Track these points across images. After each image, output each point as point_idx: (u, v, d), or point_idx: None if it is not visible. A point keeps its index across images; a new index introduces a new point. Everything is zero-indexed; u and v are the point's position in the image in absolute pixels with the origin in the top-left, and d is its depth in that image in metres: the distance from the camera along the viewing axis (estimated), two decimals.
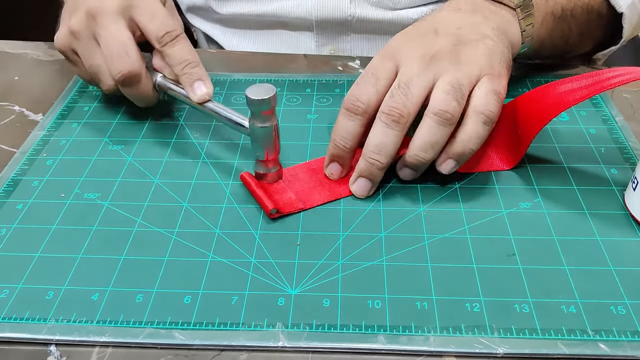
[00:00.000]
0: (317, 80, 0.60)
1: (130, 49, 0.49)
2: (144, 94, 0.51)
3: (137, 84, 0.50)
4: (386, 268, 0.40)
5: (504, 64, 0.47)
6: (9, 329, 0.37)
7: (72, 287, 0.39)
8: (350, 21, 0.67)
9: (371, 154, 0.43)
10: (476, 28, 0.48)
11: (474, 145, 0.43)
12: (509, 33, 0.50)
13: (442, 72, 0.44)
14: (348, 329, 0.36)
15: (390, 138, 0.43)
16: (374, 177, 0.44)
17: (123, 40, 0.49)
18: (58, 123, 0.54)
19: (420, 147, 0.43)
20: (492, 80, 0.44)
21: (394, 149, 0.43)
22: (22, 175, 0.48)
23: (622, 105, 0.55)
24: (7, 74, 0.62)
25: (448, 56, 0.45)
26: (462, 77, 0.44)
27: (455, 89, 0.43)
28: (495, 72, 0.45)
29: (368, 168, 0.44)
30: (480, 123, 0.43)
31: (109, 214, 0.45)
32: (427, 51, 0.45)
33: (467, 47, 0.46)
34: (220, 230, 0.43)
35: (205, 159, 0.50)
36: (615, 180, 0.47)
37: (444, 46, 0.46)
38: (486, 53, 0.46)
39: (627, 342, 0.35)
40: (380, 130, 0.43)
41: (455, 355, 0.35)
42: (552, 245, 0.41)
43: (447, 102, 0.42)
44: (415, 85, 0.43)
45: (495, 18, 0.50)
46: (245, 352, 0.36)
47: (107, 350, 0.36)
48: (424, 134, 0.43)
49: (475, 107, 0.43)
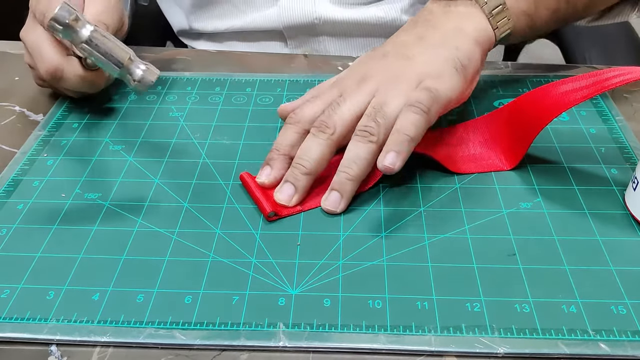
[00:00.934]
0: (317, 80, 0.60)
1: (43, 50, 0.51)
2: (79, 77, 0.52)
3: (64, 74, 0.51)
4: (387, 268, 0.40)
5: (449, 64, 0.47)
6: (9, 329, 0.37)
7: (72, 287, 0.39)
8: (317, 24, 0.68)
9: (297, 159, 0.45)
10: (422, 41, 0.49)
11: (411, 132, 0.43)
12: (463, 30, 0.49)
13: (376, 91, 0.46)
14: (349, 328, 0.36)
15: (315, 145, 0.45)
16: (297, 182, 0.45)
17: (38, 44, 0.51)
18: (59, 123, 0.54)
19: (344, 163, 0.44)
20: (426, 81, 0.46)
21: (318, 155, 0.45)
22: (22, 176, 0.48)
23: (623, 105, 0.56)
24: (8, 74, 0.62)
25: (382, 75, 0.47)
26: (389, 96, 0.45)
27: (375, 109, 0.45)
28: (433, 76, 0.46)
29: (292, 172, 0.45)
30: (411, 112, 0.43)
31: (110, 214, 0.45)
32: (367, 71, 0.48)
33: (401, 63, 0.48)
34: (220, 230, 0.43)
35: (205, 159, 0.50)
36: (615, 180, 0.47)
37: (382, 66, 0.48)
38: (426, 62, 0.47)
39: (628, 342, 0.35)
40: (308, 139, 0.46)
41: (455, 355, 0.35)
42: (552, 245, 0.41)
43: (367, 122, 0.44)
44: (346, 102, 0.46)
45: (449, 19, 0.50)
46: (246, 352, 0.36)
47: (107, 350, 0.36)
48: (347, 152, 0.45)
49: (407, 101, 0.44)
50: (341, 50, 0.71)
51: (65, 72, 0.51)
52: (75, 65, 0.51)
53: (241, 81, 0.60)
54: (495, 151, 0.49)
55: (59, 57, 0.51)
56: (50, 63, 0.50)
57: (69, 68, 0.51)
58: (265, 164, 0.47)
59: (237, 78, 0.61)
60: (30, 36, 0.52)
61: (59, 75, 0.51)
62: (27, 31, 0.52)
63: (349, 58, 0.64)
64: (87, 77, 0.52)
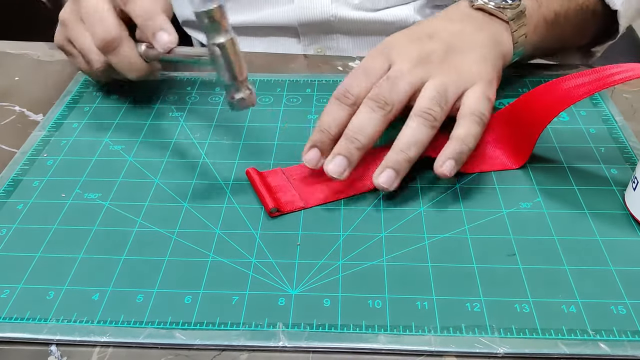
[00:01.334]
0: (317, 80, 0.60)
1: (106, 15, 0.49)
2: (129, 60, 0.50)
3: (118, 48, 0.50)
4: (386, 268, 0.40)
5: (495, 73, 0.49)
6: (9, 329, 0.37)
7: (72, 287, 0.39)
8: (333, 22, 0.68)
9: (352, 133, 0.44)
10: (469, 36, 0.49)
11: (471, 143, 0.44)
12: (501, 44, 0.50)
13: (431, 75, 0.46)
14: (348, 328, 0.36)
15: (372, 121, 0.44)
16: (351, 156, 0.44)
17: (99, 9, 0.49)
18: (58, 123, 0.54)
19: (404, 144, 0.44)
20: (482, 86, 0.46)
21: (374, 132, 0.44)
22: (22, 176, 0.48)
23: (622, 105, 0.55)
24: (8, 74, 0.62)
25: (438, 61, 0.46)
26: (449, 84, 0.45)
27: (440, 94, 0.44)
28: (486, 79, 0.47)
29: (347, 145, 0.44)
30: (474, 123, 0.45)
31: (110, 214, 0.45)
32: (420, 53, 0.47)
33: (459, 55, 0.47)
34: (220, 230, 0.43)
35: (205, 159, 0.50)
36: (615, 180, 0.47)
37: (436, 50, 0.47)
38: (477, 61, 0.48)
39: (628, 342, 0.35)
40: (364, 114, 0.44)
41: (455, 355, 0.35)
42: (552, 245, 0.41)
43: (431, 105, 0.44)
44: (403, 80, 0.45)
45: (490, 28, 0.50)
46: (246, 352, 0.36)
47: (107, 350, 0.36)
48: (407, 133, 0.44)
49: (469, 107, 0.45)
50: (354, 48, 0.71)
51: (122, 46, 0.50)
52: (131, 46, 0.50)
53: None
54: (502, 150, 0.49)
55: (120, 29, 0.50)
56: (110, 31, 0.49)
57: (126, 43, 0.50)
58: (312, 145, 0.46)
59: None
60: (91, 3, 0.50)
61: (114, 45, 0.49)
62: (83, 3, 0.50)
63: (349, 58, 0.64)
64: (136, 63, 0.51)
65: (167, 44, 0.48)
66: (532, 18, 0.53)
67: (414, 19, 0.69)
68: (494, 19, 0.51)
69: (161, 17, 0.48)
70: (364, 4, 0.67)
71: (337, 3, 0.67)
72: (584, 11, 0.57)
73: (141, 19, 0.48)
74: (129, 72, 0.52)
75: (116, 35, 0.49)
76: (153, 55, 0.51)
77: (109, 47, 0.50)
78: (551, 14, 0.55)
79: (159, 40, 0.48)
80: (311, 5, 0.67)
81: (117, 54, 0.50)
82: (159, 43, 0.48)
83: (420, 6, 0.69)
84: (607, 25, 0.61)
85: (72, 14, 0.51)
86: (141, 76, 0.52)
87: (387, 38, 0.50)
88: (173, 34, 0.48)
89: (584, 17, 0.58)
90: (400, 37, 0.50)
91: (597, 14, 0.59)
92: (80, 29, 0.51)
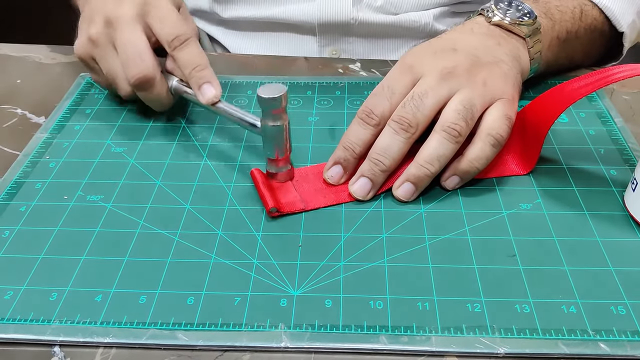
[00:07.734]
0: (318, 82, 0.60)
1: (144, 53, 0.50)
2: (159, 97, 0.52)
3: (152, 87, 0.51)
4: (388, 269, 0.40)
5: (517, 88, 0.48)
6: (13, 330, 0.37)
7: (75, 289, 0.39)
8: (353, 24, 0.68)
9: (376, 155, 0.44)
10: (492, 51, 0.49)
11: (480, 165, 0.44)
12: (520, 59, 0.51)
13: (458, 88, 0.45)
14: (350, 329, 0.36)
15: (396, 143, 0.44)
16: (375, 178, 0.45)
17: (138, 45, 0.50)
18: (61, 126, 0.55)
19: (426, 159, 0.44)
20: (505, 105, 0.46)
21: (398, 154, 0.44)
22: (25, 178, 0.48)
23: (622, 107, 0.56)
24: (10, 76, 0.62)
25: (465, 74, 0.46)
26: (476, 98, 0.45)
27: (466, 109, 0.44)
28: (508, 96, 0.46)
29: (371, 168, 0.44)
30: (489, 145, 0.44)
31: (112, 215, 0.45)
32: (446, 65, 0.46)
33: (484, 69, 0.47)
34: (222, 232, 0.43)
35: (207, 160, 0.50)
36: (614, 181, 0.47)
37: (462, 64, 0.46)
38: (502, 76, 0.47)
39: (628, 342, 0.35)
40: (388, 135, 0.44)
41: (456, 355, 0.35)
42: (552, 245, 0.42)
43: (457, 120, 0.43)
44: (429, 97, 0.44)
45: (508, 44, 0.50)
46: (248, 352, 0.36)
47: (110, 351, 0.36)
48: (430, 147, 0.44)
49: (487, 129, 0.44)
50: (369, 51, 0.71)
51: (155, 86, 0.51)
52: (163, 84, 0.52)
53: (242, 83, 0.60)
54: (511, 156, 0.48)
55: (157, 69, 0.51)
56: (146, 72, 0.50)
57: (159, 83, 0.51)
58: (335, 162, 0.46)
59: (238, 80, 0.61)
60: (129, 36, 0.50)
61: (150, 84, 0.50)
62: (122, 30, 0.50)
63: (350, 60, 0.64)
64: (164, 99, 0.52)
65: (212, 99, 0.49)
66: (547, 35, 0.53)
67: (432, 26, 0.69)
68: (512, 35, 0.51)
69: (209, 70, 0.50)
70: (386, 6, 0.67)
71: (360, 5, 0.67)
72: (593, 30, 0.58)
73: (189, 69, 0.50)
74: (156, 107, 0.53)
75: (152, 76, 0.50)
76: (180, 90, 0.52)
77: (143, 86, 0.51)
78: (564, 33, 0.55)
79: (204, 94, 0.49)
80: (332, 5, 0.67)
81: (149, 92, 0.51)
82: (205, 97, 0.49)
83: (440, 13, 0.69)
84: (612, 46, 0.62)
85: (104, 36, 0.51)
86: (165, 109, 0.54)
87: (409, 51, 0.49)
88: (218, 89, 0.50)
89: (593, 36, 0.59)
90: (423, 50, 0.49)
91: (605, 34, 0.60)
92: (111, 55, 0.52)
